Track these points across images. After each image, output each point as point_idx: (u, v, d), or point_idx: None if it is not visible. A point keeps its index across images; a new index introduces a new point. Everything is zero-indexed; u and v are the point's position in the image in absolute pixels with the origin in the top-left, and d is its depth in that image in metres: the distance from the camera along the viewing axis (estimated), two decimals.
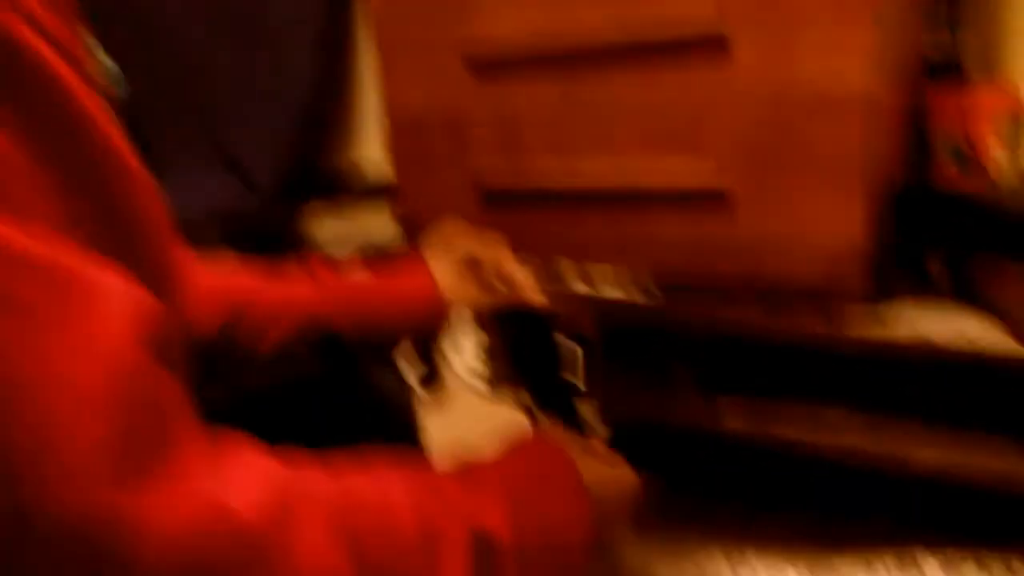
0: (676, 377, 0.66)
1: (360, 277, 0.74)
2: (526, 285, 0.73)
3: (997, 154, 1.22)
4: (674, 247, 1.17)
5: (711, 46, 1.07)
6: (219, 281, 0.69)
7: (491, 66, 1.25)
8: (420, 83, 1.34)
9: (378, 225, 1.69)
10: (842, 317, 0.99)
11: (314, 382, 0.69)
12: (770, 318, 0.57)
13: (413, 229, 1.39)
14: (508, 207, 1.31)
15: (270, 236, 1.68)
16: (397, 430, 0.73)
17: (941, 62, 1.31)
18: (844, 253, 1.05)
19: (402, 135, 1.40)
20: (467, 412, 1.00)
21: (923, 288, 1.15)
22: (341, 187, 1.79)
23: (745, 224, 1.11)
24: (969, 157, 1.22)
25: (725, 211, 1.11)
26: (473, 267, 0.74)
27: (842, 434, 0.56)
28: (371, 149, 1.75)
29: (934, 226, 1.11)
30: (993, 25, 1.31)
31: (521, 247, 1.34)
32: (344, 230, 1.74)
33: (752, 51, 1.05)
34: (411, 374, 1.06)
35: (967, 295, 1.07)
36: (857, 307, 1.05)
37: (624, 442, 0.78)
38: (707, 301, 0.61)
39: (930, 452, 0.52)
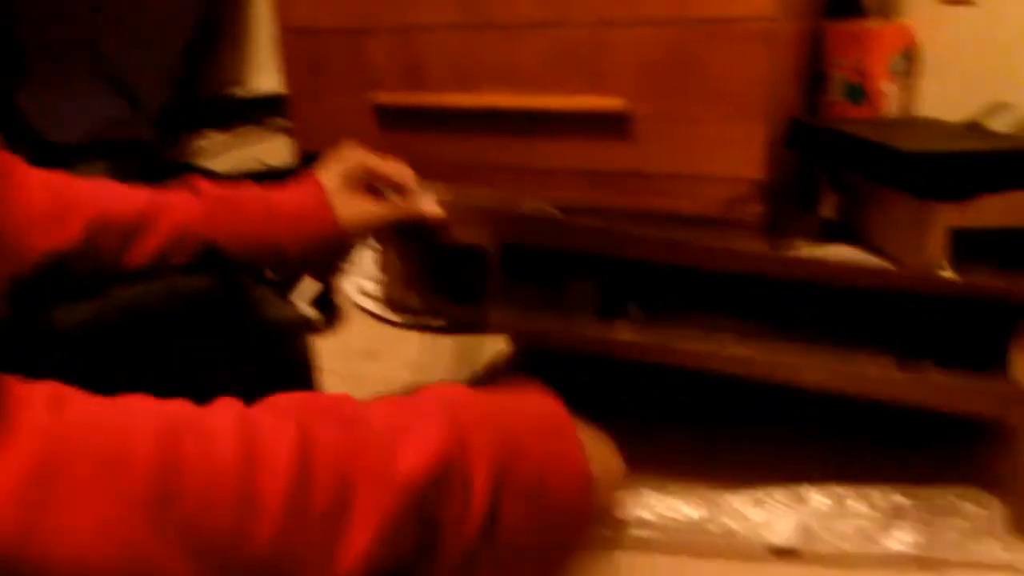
0: (573, 293, 0.65)
1: (244, 190, 0.69)
2: (421, 196, 0.69)
3: (889, 89, 1.25)
4: (575, 173, 1.16)
5: None
6: (84, 193, 0.62)
7: None
8: None
9: (273, 152, 1.62)
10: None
11: (193, 298, 0.63)
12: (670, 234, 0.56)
13: (309, 152, 1.32)
14: (405, 126, 1.26)
15: (158, 162, 1.58)
16: (289, 356, 0.68)
17: None
18: (743, 181, 1.06)
19: (295, 48, 1.32)
20: (362, 337, 0.97)
21: (814, 221, 1.18)
22: (236, 116, 1.71)
23: (646, 150, 1.10)
24: (862, 91, 1.25)
25: (626, 136, 1.10)
26: (366, 178, 0.69)
27: (735, 349, 0.56)
28: (267, 78, 1.67)
29: (823, 158, 1.13)
30: None
31: (419, 171, 1.29)
32: (238, 157, 1.66)
33: None
34: (301, 299, 1.01)
35: (854, 228, 1.11)
36: (752, 236, 1.07)
37: (521, 360, 0.77)
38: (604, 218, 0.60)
39: (818, 367, 0.54)
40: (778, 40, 1.02)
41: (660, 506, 0.54)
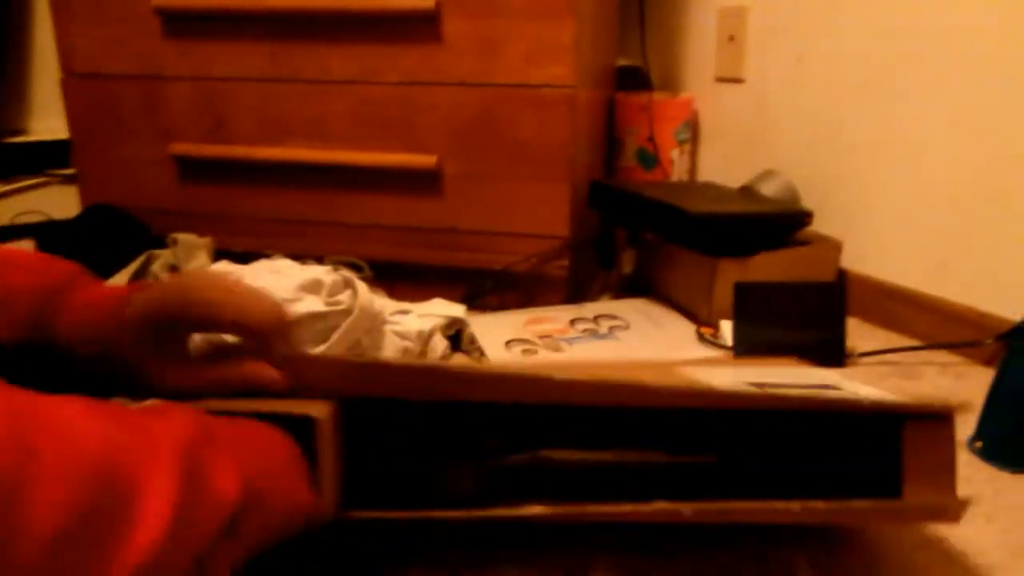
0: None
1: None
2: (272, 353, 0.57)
3: (675, 155, 1.36)
4: (387, 229, 1.16)
5: (422, 24, 1.07)
6: None
7: (189, 20, 1.14)
8: (102, 35, 1.18)
9: (56, 203, 1.49)
10: None
11: None
12: None
13: (97, 204, 1.23)
14: (208, 179, 1.20)
15: None
16: None
17: (630, 72, 1.44)
18: (550, 238, 1.10)
19: (80, 93, 1.23)
20: None
21: (615, 275, 1.25)
22: (14, 165, 1.56)
23: (456, 207, 1.12)
24: (653, 157, 1.36)
25: (437, 193, 1.12)
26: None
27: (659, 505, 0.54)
28: (50, 124, 1.54)
29: (621, 218, 1.21)
30: (673, 41, 1.47)
31: (225, 226, 1.24)
32: (16, 208, 1.51)
33: (462, 35, 1.07)
34: None
35: (651, 282, 1.19)
36: (558, 289, 1.12)
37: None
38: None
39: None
40: (577, 107, 1.09)
41: None
